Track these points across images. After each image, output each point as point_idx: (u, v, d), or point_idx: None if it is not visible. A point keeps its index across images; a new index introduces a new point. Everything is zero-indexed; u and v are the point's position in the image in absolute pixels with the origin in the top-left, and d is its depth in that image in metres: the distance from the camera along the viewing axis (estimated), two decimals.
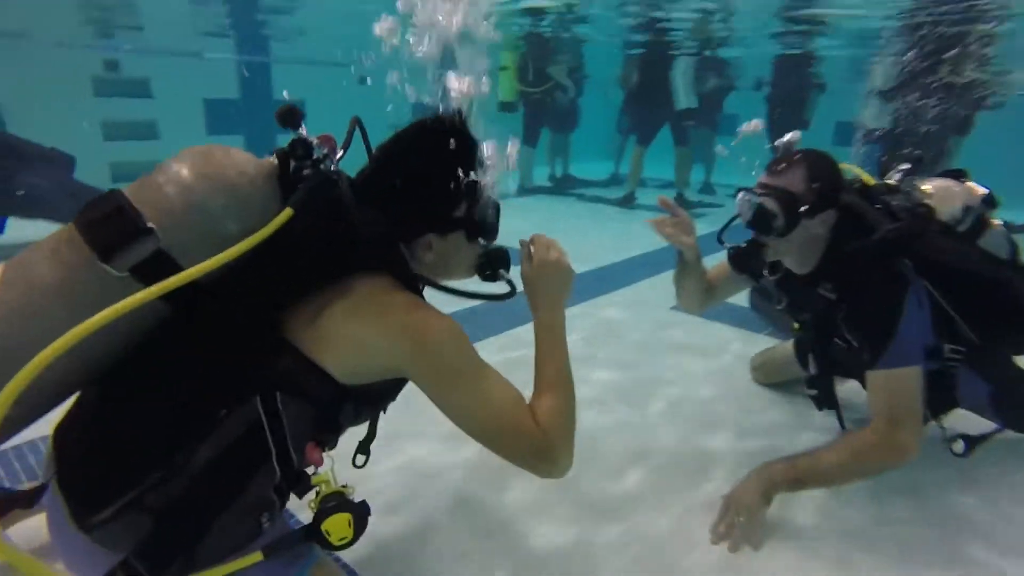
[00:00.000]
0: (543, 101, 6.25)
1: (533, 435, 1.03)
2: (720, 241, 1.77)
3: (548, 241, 1.22)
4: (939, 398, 1.65)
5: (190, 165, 0.93)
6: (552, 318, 1.18)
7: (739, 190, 1.65)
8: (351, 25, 6.09)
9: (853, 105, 7.51)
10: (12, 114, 4.69)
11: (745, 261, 1.69)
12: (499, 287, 1.19)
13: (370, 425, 1.25)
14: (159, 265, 0.86)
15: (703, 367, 2.52)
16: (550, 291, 1.18)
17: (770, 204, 1.56)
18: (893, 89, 4.14)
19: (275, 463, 0.98)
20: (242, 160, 0.97)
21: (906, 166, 1.73)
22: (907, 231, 1.54)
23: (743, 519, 1.53)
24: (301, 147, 1.01)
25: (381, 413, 1.21)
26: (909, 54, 4.07)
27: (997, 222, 1.70)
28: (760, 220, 1.59)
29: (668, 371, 2.48)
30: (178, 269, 0.86)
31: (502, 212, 1.19)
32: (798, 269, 1.70)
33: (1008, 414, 1.77)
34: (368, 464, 1.27)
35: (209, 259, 0.86)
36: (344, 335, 0.98)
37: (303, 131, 1.02)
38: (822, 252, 1.63)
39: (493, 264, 1.19)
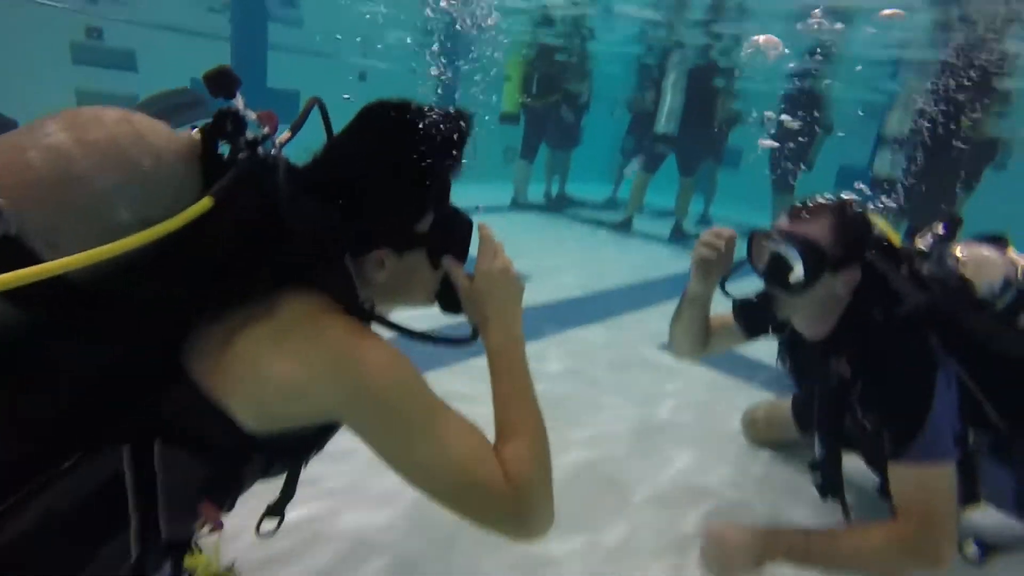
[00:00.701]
0: (546, 115, 6.06)
1: (503, 492, 0.82)
2: (724, 290, 1.57)
3: (493, 243, 0.99)
4: (960, 491, 1.43)
5: (72, 126, 0.70)
6: (507, 340, 0.95)
7: (753, 233, 1.46)
8: (350, 18, 6.03)
9: (859, 150, 7.48)
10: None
11: (753, 317, 1.49)
12: (456, 324, 0.97)
13: (287, 481, 0.99)
14: (8, 255, 0.63)
15: (689, 419, 2.29)
16: (501, 306, 0.96)
17: (789, 254, 1.35)
18: (907, 138, 3.98)
19: (133, 537, 0.73)
20: (148, 129, 0.74)
21: (940, 230, 1.53)
22: (940, 306, 1.34)
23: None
24: (231, 122, 0.79)
25: (303, 466, 0.96)
26: (928, 103, 3.92)
27: None
28: (775, 271, 1.39)
29: (645, 420, 2.25)
30: (35, 262, 0.63)
31: (476, 230, 0.97)
32: (809, 333, 1.50)
33: None
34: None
35: (83, 252, 0.63)
36: (258, 369, 0.76)
37: (239, 103, 0.80)
38: (839, 316, 1.43)
39: (457, 294, 0.97)
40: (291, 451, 0.88)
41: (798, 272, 1.35)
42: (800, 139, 5.97)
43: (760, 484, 1.91)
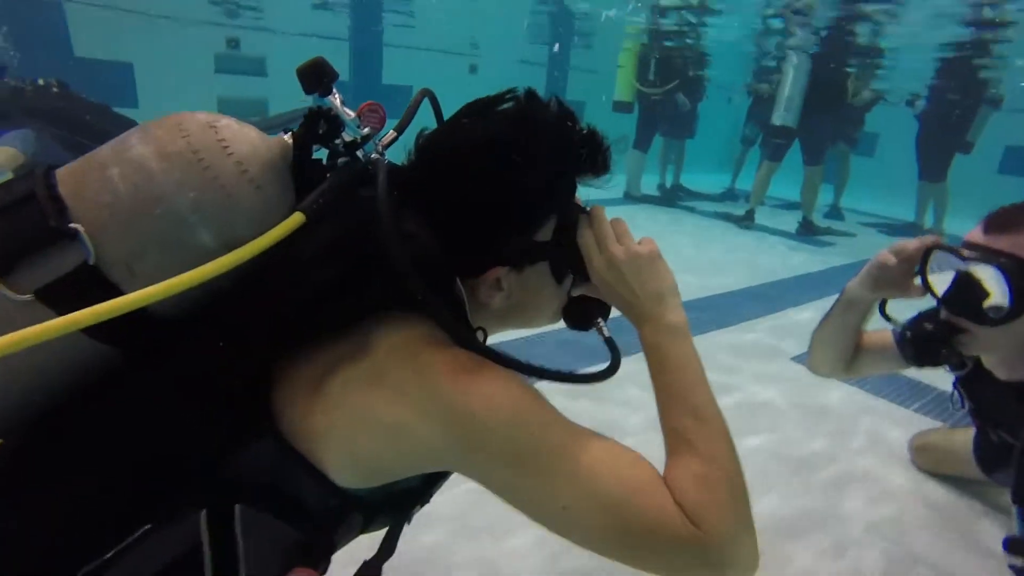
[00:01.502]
0: (660, 104, 5.76)
1: (675, 526, 0.62)
2: (885, 316, 1.31)
3: (610, 225, 0.79)
4: None
5: (154, 137, 0.61)
6: (658, 330, 0.75)
7: (931, 247, 1.17)
8: (465, 14, 6.04)
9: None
10: (145, 87, 4.98)
11: (929, 351, 1.22)
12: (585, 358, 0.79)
13: (387, 537, 0.84)
14: (85, 286, 0.57)
15: (826, 445, 2.03)
16: (639, 290, 0.76)
17: (986, 276, 1.08)
18: None
19: None
20: (234, 135, 0.64)
21: None
22: None
23: None
24: (326, 122, 0.70)
25: (407, 522, 0.84)
26: None
27: None
28: (965, 297, 1.11)
29: (776, 444, 2.01)
30: (116, 293, 0.57)
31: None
32: (1005, 374, 1.23)
33: None
34: None
35: (162, 282, 0.56)
36: (354, 416, 0.65)
37: (335, 99, 0.71)
38: None
39: (589, 308, 0.82)
40: (393, 506, 0.77)
41: (998, 299, 1.08)
42: (956, 116, 5.24)
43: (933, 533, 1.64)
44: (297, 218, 0.63)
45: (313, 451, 0.66)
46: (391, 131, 0.79)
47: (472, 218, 0.71)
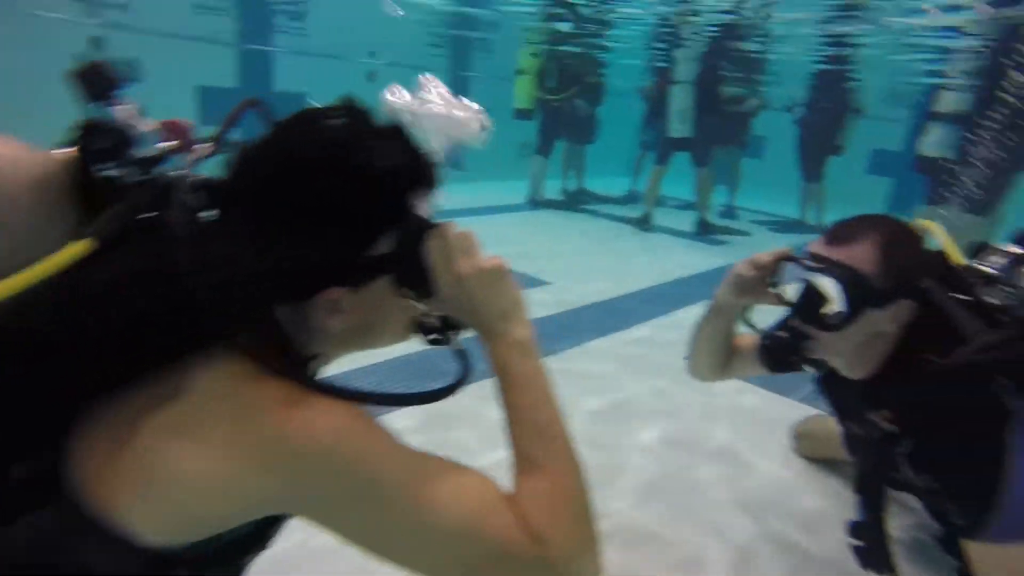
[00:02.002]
0: (561, 110, 5.84)
1: (521, 547, 0.63)
2: (747, 323, 1.39)
3: (461, 240, 0.75)
4: None
5: None
6: (508, 349, 0.75)
7: (781, 258, 1.25)
8: (362, 20, 5.89)
9: (892, 132, 7.12)
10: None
11: (780, 357, 1.28)
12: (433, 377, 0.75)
13: None
14: None
15: (724, 439, 2.09)
16: (496, 304, 0.75)
17: (826, 284, 1.15)
18: (965, 115, 3.64)
19: None
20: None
21: (1015, 248, 1.27)
22: (1015, 352, 1.10)
23: None
24: (109, 136, 0.62)
25: (241, 573, 0.77)
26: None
27: None
28: (809, 305, 1.17)
29: (672, 437, 2.05)
30: None
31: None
32: (848, 373, 1.29)
33: None
34: None
35: None
36: (165, 468, 0.58)
37: (126, 108, 0.63)
38: (885, 357, 1.21)
39: (442, 324, 0.78)
40: (224, 558, 0.69)
41: (837, 306, 1.14)
42: (827, 123, 5.69)
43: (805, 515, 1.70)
44: (83, 246, 0.56)
45: (116, 514, 0.57)
46: (207, 145, 0.72)
47: (297, 236, 0.64)
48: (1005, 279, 1.25)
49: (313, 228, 0.64)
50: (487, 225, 5.17)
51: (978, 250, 1.35)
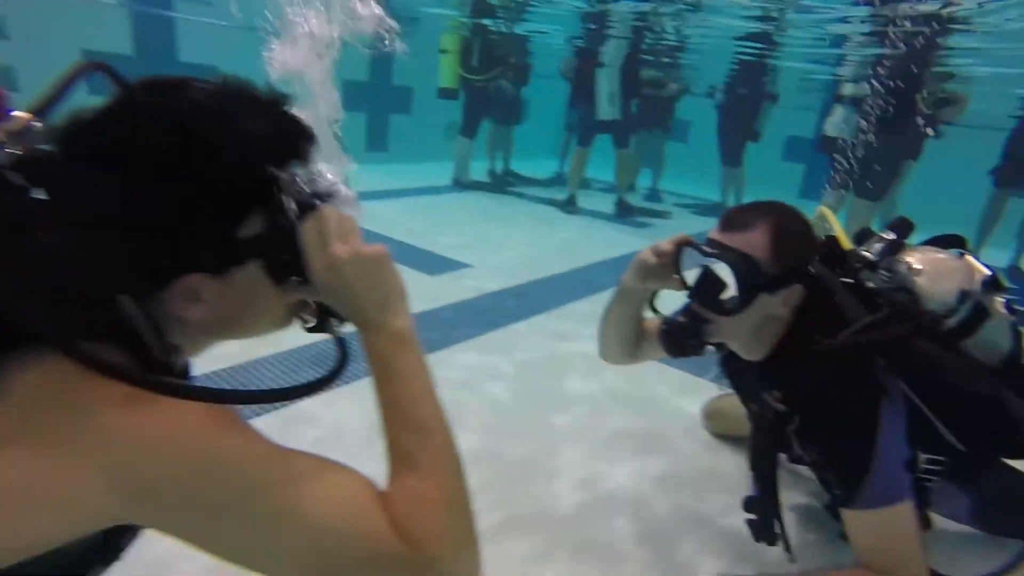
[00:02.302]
0: (486, 90, 5.75)
1: (393, 549, 0.60)
2: (652, 308, 1.40)
3: (335, 223, 0.67)
4: None
5: None
6: (382, 339, 0.69)
7: (682, 244, 1.26)
8: None
9: (806, 120, 7.42)
10: None
11: (680, 342, 1.29)
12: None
13: None
14: None
15: (634, 423, 2.10)
16: (375, 292, 0.69)
17: (721, 270, 1.18)
18: (864, 99, 3.82)
19: None
20: None
21: (890, 235, 1.33)
22: (888, 334, 1.16)
23: None
24: None
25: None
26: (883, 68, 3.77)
27: (1000, 304, 1.30)
28: (707, 290, 1.21)
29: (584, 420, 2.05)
30: None
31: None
32: (745, 356, 1.32)
33: (989, 525, 1.47)
34: None
35: None
36: None
37: None
38: (778, 339, 1.25)
39: (323, 310, 0.74)
40: (69, 568, 0.62)
41: (731, 291, 1.17)
42: (745, 109, 5.87)
43: (718, 485, 1.73)
44: None
45: None
46: (22, 115, 0.63)
47: (140, 218, 0.57)
48: (884, 264, 1.29)
49: (160, 209, 0.57)
50: (409, 207, 5.05)
51: (861, 236, 1.40)
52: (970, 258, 1.31)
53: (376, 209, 4.80)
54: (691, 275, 1.28)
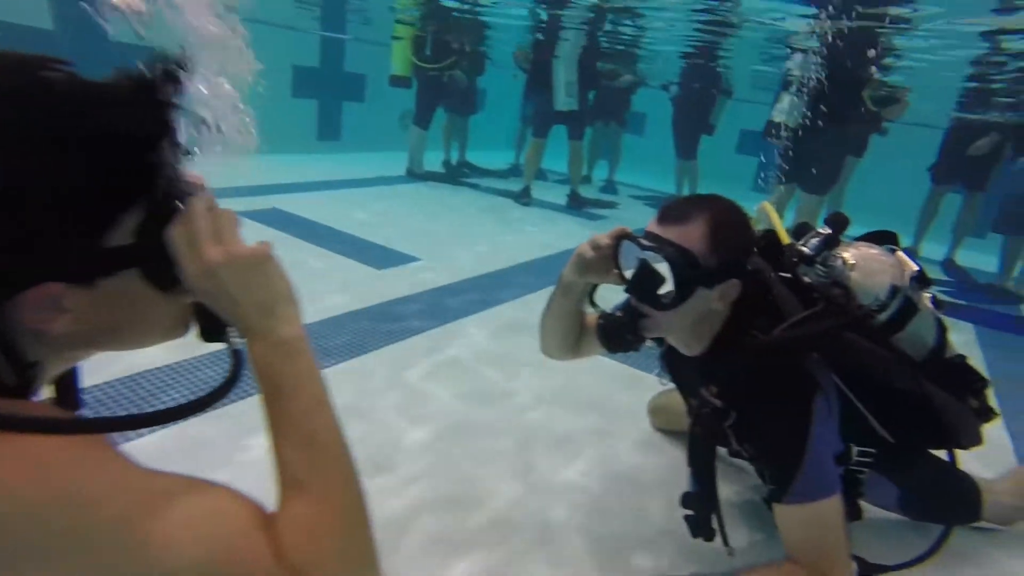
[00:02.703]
0: (439, 79, 5.64)
1: None
2: (591, 302, 1.36)
3: (210, 221, 0.61)
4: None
5: None
6: (277, 344, 0.63)
7: (619, 238, 1.23)
8: None
9: (760, 114, 7.54)
10: None
11: (617, 336, 1.27)
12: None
13: None
14: None
15: (577, 419, 2.07)
16: (257, 297, 0.63)
17: (657, 264, 1.15)
18: (809, 87, 3.87)
19: None
20: None
21: (826, 230, 1.33)
22: (821, 328, 1.16)
23: None
24: None
25: None
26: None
27: (927, 298, 1.33)
28: (643, 284, 1.18)
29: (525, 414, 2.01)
30: None
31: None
32: (684, 350, 1.31)
33: (917, 512, 1.52)
34: None
35: None
36: None
37: None
38: (716, 333, 1.23)
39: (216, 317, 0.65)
40: None
41: (668, 285, 1.15)
42: (700, 102, 5.92)
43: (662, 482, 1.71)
44: None
45: None
46: None
47: None
48: (820, 259, 1.29)
49: (6, 213, 0.50)
50: (359, 197, 4.93)
51: (799, 231, 1.39)
52: (901, 254, 1.33)
53: (324, 200, 4.67)
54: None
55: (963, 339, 3.47)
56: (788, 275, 1.28)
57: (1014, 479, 1.63)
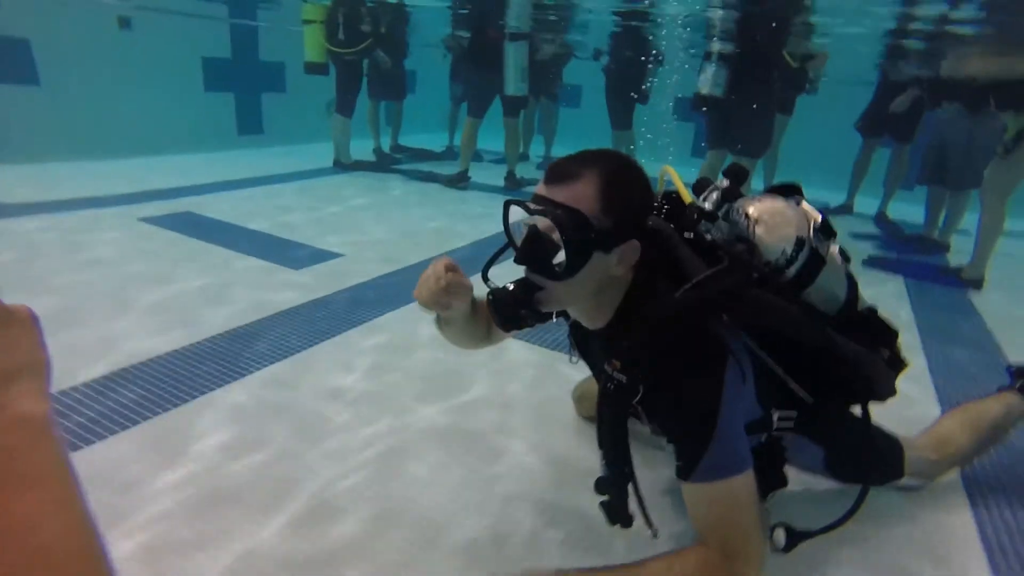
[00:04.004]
0: (358, 64, 5.38)
1: None
2: (484, 279, 1.23)
3: None
4: (764, 477, 1.22)
5: None
6: (17, 424, 0.48)
7: (508, 204, 1.11)
8: None
9: (693, 81, 7.52)
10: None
11: (511, 313, 1.14)
12: None
13: None
14: None
15: (496, 412, 1.96)
16: None
17: (546, 228, 1.03)
18: (729, 56, 3.82)
19: None
20: None
21: (724, 183, 1.23)
22: (725, 288, 1.05)
23: None
24: None
25: None
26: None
27: (835, 250, 1.25)
28: (532, 251, 1.05)
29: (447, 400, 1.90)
30: None
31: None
32: (588, 323, 1.19)
33: (843, 473, 1.46)
34: None
35: None
36: None
37: None
38: (619, 303, 1.12)
39: None
40: None
41: (561, 253, 1.02)
42: (632, 71, 5.81)
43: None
44: None
45: None
46: None
47: None
48: (723, 214, 1.21)
49: None
50: (281, 193, 4.68)
51: (699, 187, 1.30)
52: (806, 205, 1.24)
53: (243, 198, 4.42)
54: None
55: (894, 291, 3.51)
56: (691, 235, 1.17)
57: (934, 433, 1.60)
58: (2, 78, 4.59)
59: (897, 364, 1.32)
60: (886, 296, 3.41)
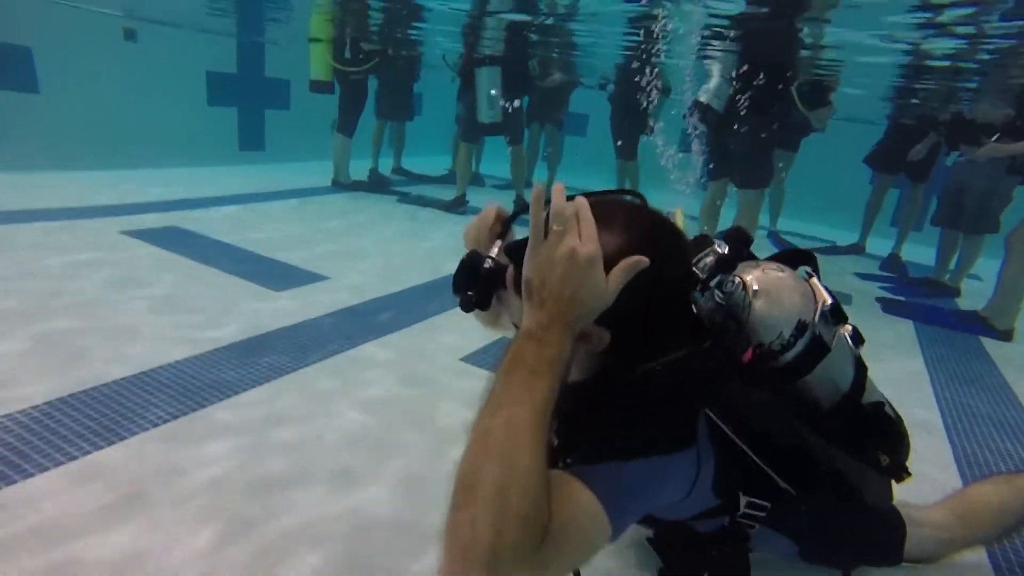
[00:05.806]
0: (363, 84, 5.33)
1: None
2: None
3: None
4: (724, 565, 1.10)
5: None
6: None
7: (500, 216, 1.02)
8: None
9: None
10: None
11: (465, 283, 0.98)
12: None
13: None
14: None
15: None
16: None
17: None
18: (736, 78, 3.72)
19: None
20: None
21: (722, 248, 1.06)
22: (699, 375, 0.86)
23: None
24: None
25: None
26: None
27: (845, 334, 1.05)
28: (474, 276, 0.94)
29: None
30: None
31: None
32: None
33: (817, 561, 1.27)
34: None
35: None
36: None
37: None
38: (596, 371, 0.92)
39: None
40: None
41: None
42: (639, 102, 5.73)
43: None
44: None
45: None
46: None
47: None
48: (717, 283, 1.04)
49: None
50: (274, 211, 4.57)
51: (698, 245, 1.12)
52: (816, 282, 1.06)
53: (235, 214, 4.32)
54: None
55: (904, 335, 3.35)
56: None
57: (948, 507, 1.39)
58: (0, 85, 4.56)
59: (896, 472, 1.13)
60: (898, 337, 3.25)
